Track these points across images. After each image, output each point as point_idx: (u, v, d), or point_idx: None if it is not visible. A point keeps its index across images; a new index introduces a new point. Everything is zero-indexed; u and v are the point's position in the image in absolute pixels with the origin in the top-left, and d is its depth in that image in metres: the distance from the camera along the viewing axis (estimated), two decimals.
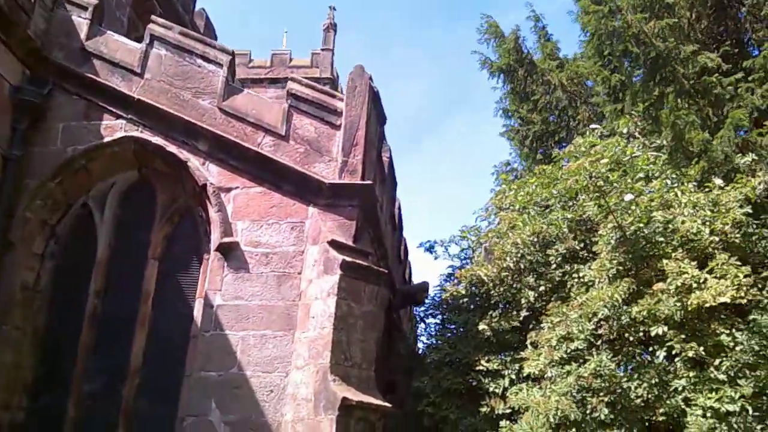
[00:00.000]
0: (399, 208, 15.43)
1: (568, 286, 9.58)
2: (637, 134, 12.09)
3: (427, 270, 57.95)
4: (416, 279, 17.76)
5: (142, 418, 9.59)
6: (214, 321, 9.42)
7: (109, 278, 10.15)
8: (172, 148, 10.00)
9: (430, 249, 13.32)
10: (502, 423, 9.00)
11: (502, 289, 10.27)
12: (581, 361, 8.35)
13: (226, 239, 9.62)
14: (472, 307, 10.88)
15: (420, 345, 14.26)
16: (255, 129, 10.05)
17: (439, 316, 12.00)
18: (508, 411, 9.20)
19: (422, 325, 12.75)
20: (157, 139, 10.05)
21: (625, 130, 11.70)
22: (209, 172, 9.98)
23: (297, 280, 9.51)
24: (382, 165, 12.34)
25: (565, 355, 8.46)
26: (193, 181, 9.96)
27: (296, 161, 9.88)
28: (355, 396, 8.46)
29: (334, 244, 9.24)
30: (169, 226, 10.30)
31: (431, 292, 12.53)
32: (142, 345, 9.84)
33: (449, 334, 11.12)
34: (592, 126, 12.45)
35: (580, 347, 8.41)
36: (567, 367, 8.34)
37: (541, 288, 9.92)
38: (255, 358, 9.18)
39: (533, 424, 7.98)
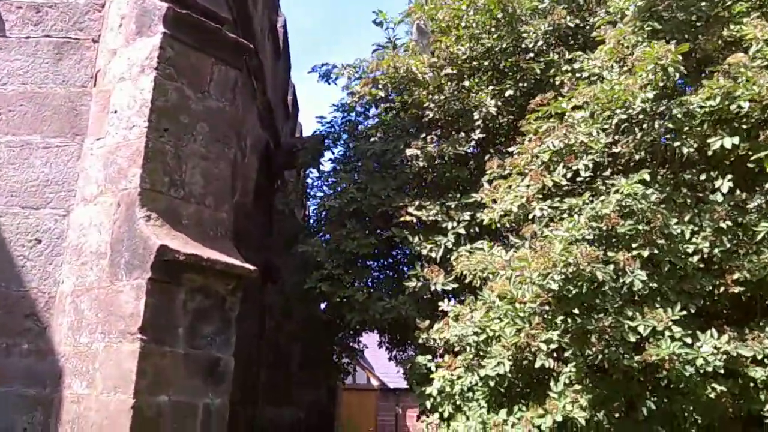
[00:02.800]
0: (285, 27, 11.15)
1: (556, 83, 5.84)
2: None
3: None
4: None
5: None
6: None
7: None
8: None
9: (326, 76, 8.94)
10: (444, 304, 5.37)
11: (442, 96, 6.42)
12: (590, 196, 4.72)
13: None
14: (394, 130, 7.00)
15: (312, 205, 10.24)
16: None
17: (341, 150, 7.97)
18: (452, 285, 5.58)
19: (314, 173, 8.64)
20: None
21: None
22: None
23: (91, 53, 5.42)
24: None
25: (565, 182, 4.79)
26: None
27: None
28: (185, 247, 4.61)
29: None
30: None
31: (328, 117, 8.44)
32: None
33: (357, 174, 7.20)
34: None
35: (587, 168, 4.76)
36: (569, 202, 4.69)
37: (509, 92, 6.14)
38: (10, 185, 5.13)
39: (517, 294, 4.35)
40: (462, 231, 5.90)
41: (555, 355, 4.75)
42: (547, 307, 4.40)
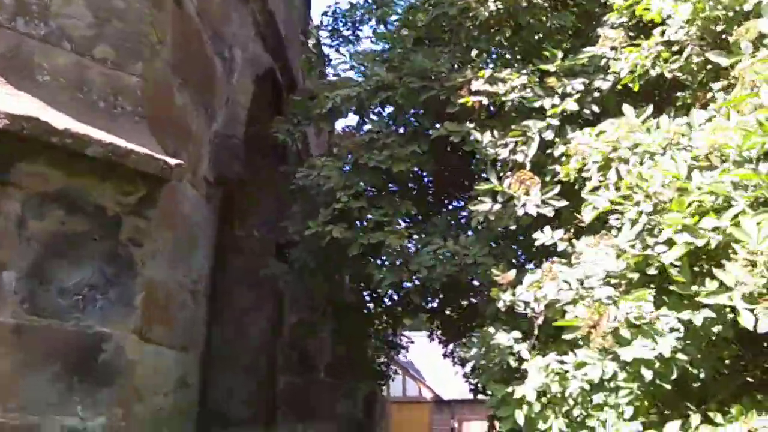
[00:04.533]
0: None
1: None
2: None
3: None
4: None
5: None
6: None
7: None
8: None
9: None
10: (543, 234, 2.93)
11: None
12: None
13: None
14: None
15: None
16: None
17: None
18: (557, 203, 3.14)
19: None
20: None
21: None
22: None
23: None
24: None
25: None
26: None
27: None
28: (29, 111, 2.21)
29: None
30: None
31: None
32: None
33: (389, 53, 4.58)
34: None
35: None
36: None
37: None
38: None
39: None
40: (573, 107, 3.38)
41: None
42: None
